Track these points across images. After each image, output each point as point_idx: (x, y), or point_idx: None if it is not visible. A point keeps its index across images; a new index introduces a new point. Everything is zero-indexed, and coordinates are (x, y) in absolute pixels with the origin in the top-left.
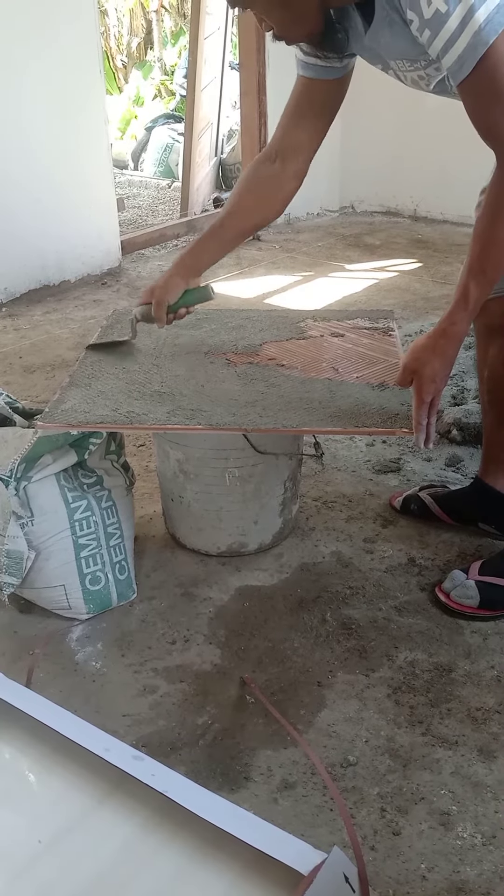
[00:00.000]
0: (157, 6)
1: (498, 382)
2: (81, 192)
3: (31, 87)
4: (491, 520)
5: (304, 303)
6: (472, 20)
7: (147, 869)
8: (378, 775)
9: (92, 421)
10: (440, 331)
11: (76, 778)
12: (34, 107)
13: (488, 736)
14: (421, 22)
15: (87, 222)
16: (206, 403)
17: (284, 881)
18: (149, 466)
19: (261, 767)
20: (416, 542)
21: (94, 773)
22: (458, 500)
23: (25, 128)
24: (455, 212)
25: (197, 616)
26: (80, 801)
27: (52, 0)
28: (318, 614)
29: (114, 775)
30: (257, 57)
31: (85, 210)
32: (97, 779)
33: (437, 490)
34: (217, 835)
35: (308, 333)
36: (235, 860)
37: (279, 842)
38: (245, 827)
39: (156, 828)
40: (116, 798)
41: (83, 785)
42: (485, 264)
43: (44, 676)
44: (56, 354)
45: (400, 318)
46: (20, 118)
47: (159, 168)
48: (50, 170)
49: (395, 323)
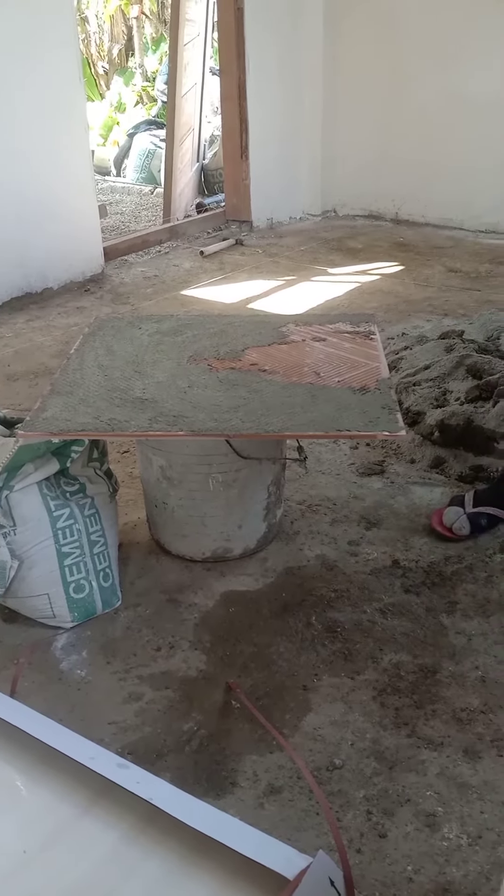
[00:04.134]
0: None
1: None
2: (63, 199)
3: (10, 96)
4: None
5: (287, 307)
6: None
7: (133, 877)
8: (364, 778)
9: (73, 429)
10: None
11: (61, 787)
12: (13, 115)
13: (473, 736)
14: None
15: (69, 229)
16: (188, 409)
17: (270, 886)
18: (133, 473)
19: (247, 772)
20: (399, 544)
21: (80, 781)
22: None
23: (5, 136)
24: (436, 214)
25: (182, 622)
26: (66, 809)
27: (30, 9)
28: (303, 618)
29: (99, 783)
30: (238, 63)
31: (67, 217)
32: (82, 787)
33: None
34: (202, 841)
35: (290, 338)
36: (221, 866)
37: (264, 847)
38: (230, 832)
39: (141, 835)
40: (102, 806)
41: (68, 794)
42: None
43: (29, 685)
44: (39, 362)
45: (382, 321)
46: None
47: (141, 174)
48: (30, 178)
49: (376, 326)
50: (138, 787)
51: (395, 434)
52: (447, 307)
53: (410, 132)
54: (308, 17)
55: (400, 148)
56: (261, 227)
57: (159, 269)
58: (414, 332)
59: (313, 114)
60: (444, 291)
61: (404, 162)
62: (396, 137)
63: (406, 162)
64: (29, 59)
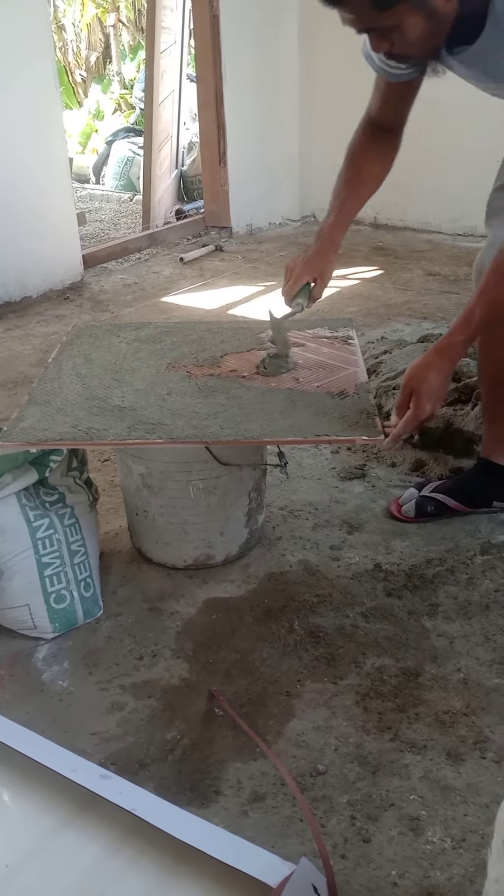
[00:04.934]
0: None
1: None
2: (41, 207)
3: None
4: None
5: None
6: None
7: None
8: (347, 783)
9: (51, 438)
10: (438, 348)
11: (43, 799)
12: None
13: (456, 739)
14: None
15: (47, 237)
16: (167, 417)
17: (254, 894)
18: (114, 481)
19: (230, 780)
20: (381, 547)
21: (61, 793)
22: (467, 486)
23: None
24: (415, 218)
25: (164, 630)
26: (48, 822)
27: (4, 17)
28: (285, 624)
29: (82, 795)
30: (214, 70)
31: (45, 225)
32: (64, 800)
33: (440, 483)
34: (186, 850)
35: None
36: (204, 875)
37: (248, 855)
38: (213, 841)
39: (124, 846)
40: (84, 818)
41: (50, 806)
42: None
43: (10, 697)
44: (18, 371)
45: (362, 326)
46: None
47: (120, 181)
48: (7, 186)
49: (354, 331)
50: (121, 798)
51: (373, 439)
52: (426, 310)
53: None
54: (283, 25)
55: None
56: (240, 233)
57: (139, 277)
58: (394, 335)
59: (290, 120)
60: (424, 295)
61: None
62: None
63: None
64: (4, 68)
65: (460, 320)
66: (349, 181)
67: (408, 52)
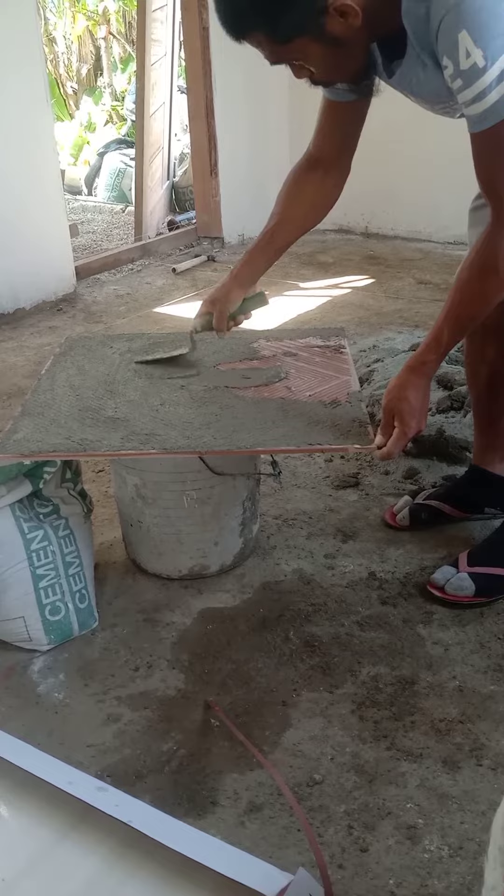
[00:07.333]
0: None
1: (499, 378)
2: (33, 219)
3: None
4: (495, 502)
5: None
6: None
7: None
8: (344, 792)
9: (45, 450)
10: (409, 368)
11: (40, 812)
12: None
13: (452, 747)
14: (455, 70)
15: (40, 249)
16: (160, 427)
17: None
18: (108, 492)
19: (227, 791)
20: (375, 556)
21: (58, 806)
22: (460, 493)
23: None
24: (405, 227)
25: (160, 641)
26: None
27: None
28: (281, 633)
29: (78, 808)
30: (204, 81)
31: (38, 237)
32: (61, 812)
33: (434, 491)
34: (183, 862)
35: (261, 353)
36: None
37: (245, 866)
38: (210, 853)
39: (121, 859)
40: (81, 831)
41: (47, 819)
42: (462, 315)
43: (5, 710)
44: (12, 383)
45: (354, 335)
46: None
47: (112, 193)
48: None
49: (346, 340)
50: (117, 811)
51: (366, 447)
52: (418, 319)
53: (376, 146)
54: None
55: (367, 162)
56: (232, 243)
57: (132, 287)
58: (385, 344)
59: (280, 130)
60: (415, 303)
61: (372, 176)
62: (363, 151)
63: (374, 175)
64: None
65: (430, 339)
66: (267, 229)
67: (330, 78)
